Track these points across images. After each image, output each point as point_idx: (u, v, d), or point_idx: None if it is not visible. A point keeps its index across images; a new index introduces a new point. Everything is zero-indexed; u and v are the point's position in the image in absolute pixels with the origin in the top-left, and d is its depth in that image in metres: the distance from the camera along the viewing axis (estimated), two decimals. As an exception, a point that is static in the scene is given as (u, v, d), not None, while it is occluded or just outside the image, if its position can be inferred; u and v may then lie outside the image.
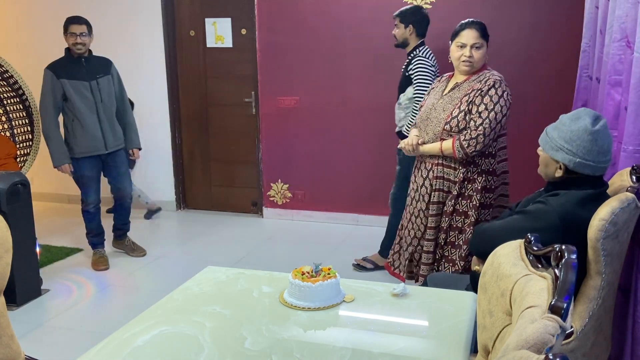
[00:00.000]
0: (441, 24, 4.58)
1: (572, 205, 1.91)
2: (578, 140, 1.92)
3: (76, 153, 4.01)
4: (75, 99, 3.93)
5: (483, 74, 2.82)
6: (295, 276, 1.81)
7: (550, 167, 2.02)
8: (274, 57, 5.02)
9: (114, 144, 4.11)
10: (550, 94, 4.37)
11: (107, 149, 4.07)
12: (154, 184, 5.59)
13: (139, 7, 5.29)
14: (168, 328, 1.67)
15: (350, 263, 4.14)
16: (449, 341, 1.59)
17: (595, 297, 1.88)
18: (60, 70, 3.92)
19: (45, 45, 5.56)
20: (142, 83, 5.37)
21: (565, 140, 1.94)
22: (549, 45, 4.38)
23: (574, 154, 1.92)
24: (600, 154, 1.92)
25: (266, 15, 4.95)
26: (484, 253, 2.08)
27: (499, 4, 4.45)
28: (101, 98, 4.01)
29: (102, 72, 4.04)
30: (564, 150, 1.94)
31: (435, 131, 2.80)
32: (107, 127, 4.05)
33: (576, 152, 1.92)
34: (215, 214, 5.52)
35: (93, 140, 4.00)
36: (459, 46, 2.82)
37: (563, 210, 1.90)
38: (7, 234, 1.80)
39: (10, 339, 1.79)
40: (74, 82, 3.93)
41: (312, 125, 5.00)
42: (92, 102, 3.99)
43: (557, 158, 1.96)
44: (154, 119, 5.45)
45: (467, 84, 2.80)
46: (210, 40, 5.27)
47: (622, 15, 2.25)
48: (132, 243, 4.47)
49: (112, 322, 3.12)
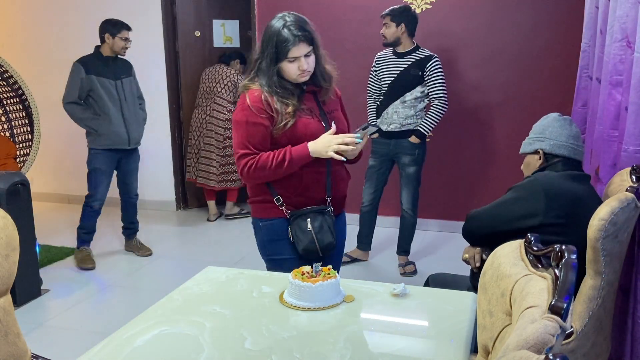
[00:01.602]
0: (441, 24, 4.58)
1: (555, 177, 2.07)
2: (549, 128, 2.15)
3: (99, 145, 4.13)
4: (103, 95, 4.07)
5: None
6: (295, 276, 1.81)
7: (531, 163, 2.20)
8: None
9: (136, 140, 4.29)
10: (550, 94, 4.37)
11: (130, 145, 4.24)
12: (154, 183, 5.59)
13: (139, 7, 5.29)
14: (168, 328, 1.67)
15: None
16: (449, 341, 1.59)
17: (595, 297, 1.88)
18: (90, 66, 4.07)
19: (46, 45, 5.57)
20: (142, 83, 5.34)
21: (538, 133, 2.19)
22: (549, 45, 4.38)
23: (547, 139, 2.14)
24: (571, 137, 2.13)
25: (266, 15, 4.95)
26: (476, 236, 2.23)
27: (499, 4, 4.45)
28: (125, 97, 4.19)
29: (125, 73, 4.23)
30: (539, 139, 2.17)
31: None
32: (129, 124, 4.20)
33: (549, 137, 2.14)
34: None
35: (117, 136, 4.14)
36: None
37: (546, 180, 2.06)
38: (14, 232, 1.80)
39: (17, 337, 1.79)
40: (101, 79, 4.09)
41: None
42: (117, 100, 4.15)
43: (535, 147, 2.17)
44: (154, 119, 5.44)
45: None
46: (218, 41, 5.59)
47: (622, 15, 2.25)
48: (139, 242, 4.51)
49: (112, 322, 3.12)
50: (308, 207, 2.20)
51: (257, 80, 2.16)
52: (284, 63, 2.11)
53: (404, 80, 3.83)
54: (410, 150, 3.87)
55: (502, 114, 4.59)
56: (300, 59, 2.10)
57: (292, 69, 2.12)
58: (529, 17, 4.39)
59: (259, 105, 2.12)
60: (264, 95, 2.12)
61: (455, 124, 4.66)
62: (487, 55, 4.53)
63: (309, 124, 2.17)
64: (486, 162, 4.71)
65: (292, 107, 2.12)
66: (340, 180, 2.31)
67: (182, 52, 5.43)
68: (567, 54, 4.24)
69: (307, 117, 2.17)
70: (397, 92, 3.85)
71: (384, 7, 4.02)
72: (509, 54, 4.49)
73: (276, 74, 2.13)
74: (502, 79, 4.54)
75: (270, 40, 2.11)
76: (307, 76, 2.16)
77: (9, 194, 3.39)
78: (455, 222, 4.79)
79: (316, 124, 2.19)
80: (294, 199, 2.21)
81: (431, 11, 4.57)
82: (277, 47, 2.09)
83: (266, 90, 2.12)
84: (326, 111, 2.24)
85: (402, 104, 3.83)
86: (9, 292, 1.82)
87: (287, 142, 2.14)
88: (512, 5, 4.41)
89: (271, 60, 2.12)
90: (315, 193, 2.22)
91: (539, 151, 2.15)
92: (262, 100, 2.12)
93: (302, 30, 2.10)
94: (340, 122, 2.27)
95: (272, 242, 2.27)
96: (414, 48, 3.85)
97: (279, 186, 2.18)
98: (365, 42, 4.66)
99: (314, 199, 2.23)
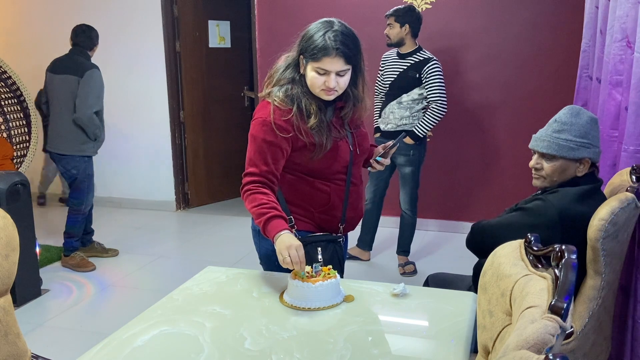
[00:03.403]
0: (441, 24, 4.58)
1: (570, 201, 1.92)
2: (592, 131, 1.97)
3: (93, 152, 4.11)
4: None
5: None
6: (295, 276, 1.81)
7: (569, 170, 1.99)
8: (275, 56, 5.01)
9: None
10: (550, 94, 4.37)
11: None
12: (154, 184, 5.59)
13: (139, 7, 5.29)
14: (168, 328, 1.67)
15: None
16: (449, 341, 1.59)
17: (595, 297, 1.88)
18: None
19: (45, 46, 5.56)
20: (142, 83, 5.37)
21: (582, 136, 1.96)
22: (549, 45, 4.38)
23: (594, 146, 1.97)
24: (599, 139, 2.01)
25: (266, 15, 4.95)
26: (480, 251, 2.09)
27: (499, 4, 4.45)
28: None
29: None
30: (584, 146, 1.96)
31: None
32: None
33: (594, 144, 1.97)
34: (216, 214, 5.52)
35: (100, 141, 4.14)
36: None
37: (561, 205, 1.91)
38: (14, 232, 1.80)
39: (17, 337, 1.79)
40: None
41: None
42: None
43: (582, 155, 1.96)
44: (154, 119, 5.45)
45: None
46: (213, 41, 5.60)
47: (622, 15, 2.25)
48: (101, 246, 4.41)
49: (112, 322, 3.12)
50: (321, 235, 2.06)
51: (283, 87, 1.97)
52: (311, 72, 1.90)
53: (402, 81, 3.83)
54: (405, 151, 3.86)
55: (502, 114, 4.59)
56: (330, 75, 1.88)
57: (317, 82, 1.90)
58: (529, 17, 4.39)
59: (282, 123, 1.92)
60: (293, 114, 1.93)
61: (456, 123, 4.66)
62: (487, 55, 4.53)
63: (339, 146, 2.00)
64: (486, 162, 4.71)
65: (323, 128, 1.94)
66: (361, 200, 2.19)
67: (182, 52, 5.43)
68: (567, 54, 4.24)
69: (336, 139, 2.00)
70: (395, 93, 3.85)
71: (385, 7, 4.03)
72: (509, 54, 4.48)
73: (303, 83, 1.95)
74: (502, 79, 4.54)
75: (303, 42, 1.92)
76: (334, 96, 1.94)
77: (9, 194, 3.39)
78: (456, 222, 4.79)
79: (344, 145, 2.03)
80: (317, 215, 2.06)
81: (431, 11, 4.57)
82: (308, 51, 1.89)
83: (295, 103, 1.93)
84: (352, 129, 2.08)
85: (399, 104, 3.83)
86: (9, 292, 1.82)
87: (313, 165, 1.99)
88: (512, 5, 4.41)
89: (298, 63, 1.95)
90: (339, 212, 2.08)
91: (587, 161, 1.96)
92: (288, 118, 1.93)
93: (344, 44, 1.87)
94: (365, 140, 2.14)
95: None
96: (416, 49, 3.84)
97: (301, 200, 1.99)
98: (366, 42, 4.65)
99: (338, 217, 2.09)
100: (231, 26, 5.67)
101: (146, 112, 5.40)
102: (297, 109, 1.93)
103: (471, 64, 4.58)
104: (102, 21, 5.01)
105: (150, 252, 4.46)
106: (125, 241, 4.65)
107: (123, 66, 5.36)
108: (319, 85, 1.91)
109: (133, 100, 5.38)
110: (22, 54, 5.55)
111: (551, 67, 4.40)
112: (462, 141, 4.72)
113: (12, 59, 4.93)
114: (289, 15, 4.87)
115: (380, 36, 3.97)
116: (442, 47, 4.57)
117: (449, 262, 4.19)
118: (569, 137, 1.96)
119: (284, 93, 1.96)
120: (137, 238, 4.58)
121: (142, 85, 5.36)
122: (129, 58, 5.32)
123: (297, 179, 2.05)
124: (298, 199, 2.06)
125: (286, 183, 2.04)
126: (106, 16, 5.28)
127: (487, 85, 4.57)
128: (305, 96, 1.95)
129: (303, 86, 1.96)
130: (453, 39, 4.57)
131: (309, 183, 2.04)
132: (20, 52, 5.57)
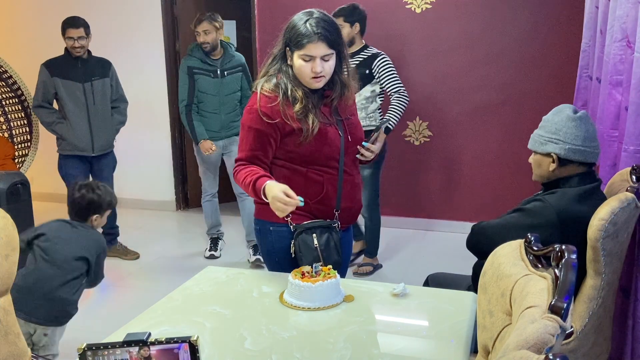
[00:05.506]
0: (441, 24, 4.58)
1: (569, 202, 1.93)
2: (564, 128, 1.98)
3: (65, 150, 4.05)
4: (66, 99, 3.97)
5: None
6: (295, 276, 1.81)
7: (543, 164, 2.05)
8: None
9: (102, 147, 4.13)
10: (550, 94, 4.37)
11: (94, 152, 4.10)
12: (154, 184, 5.59)
13: (139, 7, 5.30)
14: (168, 328, 1.67)
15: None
16: (449, 341, 1.59)
17: (595, 297, 1.88)
18: (55, 68, 3.95)
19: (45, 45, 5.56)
20: (142, 83, 5.37)
21: (551, 133, 2.01)
22: (549, 45, 4.38)
23: (563, 142, 1.98)
24: (587, 139, 1.97)
25: (266, 15, 4.95)
26: (480, 251, 2.09)
27: (498, 4, 4.44)
28: (94, 100, 4.03)
29: (98, 75, 4.07)
30: (553, 141, 2.00)
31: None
32: (96, 130, 4.07)
33: (565, 140, 1.98)
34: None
35: (80, 142, 4.03)
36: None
37: (560, 206, 1.92)
38: (14, 232, 1.80)
39: (17, 337, 1.79)
40: (66, 82, 3.96)
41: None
42: (84, 104, 4.01)
43: (548, 150, 2.01)
44: (154, 119, 5.45)
45: None
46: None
47: (622, 15, 2.25)
48: (123, 247, 4.42)
49: (112, 322, 3.11)
50: (316, 221, 2.08)
51: (272, 78, 2.04)
52: (298, 61, 1.97)
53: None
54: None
55: (502, 114, 4.59)
56: (315, 60, 1.94)
57: (305, 69, 1.97)
58: (529, 17, 4.39)
59: (268, 110, 1.99)
60: (279, 101, 2.00)
61: (456, 124, 4.66)
62: (487, 55, 4.53)
63: (327, 131, 2.05)
64: (486, 162, 4.71)
65: (310, 112, 2.00)
66: (358, 190, 2.21)
67: (182, 52, 5.43)
68: (567, 54, 4.23)
69: (324, 124, 2.05)
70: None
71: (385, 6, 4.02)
72: (509, 54, 4.48)
73: (290, 73, 2.01)
74: (502, 79, 4.54)
75: (287, 33, 2.00)
76: (322, 82, 2.01)
77: (9, 194, 3.39)
78: (456, 222, 4.79)
79: (334, 131, 2.07)
80: (313, 206, 2.08)
81: (431, 11, 4.57)
82: (292, 40, 1.97)
83: (282, 90, 2.00)
84: (342, 117, 2.12)
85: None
86: (9, 292, 1.82)
87: (303, 150, 2.03)
88: (512, 5, 4.41)
89: (285, 55, 2.02)
90: (334, 201, 2.11)
91: (553, 155, 2.00)
92: (274, 105, 2.00)
93: (325, 29, 1.94)
94: (357, 129, 2.18)
95: (282, 250, 2.11)
96: (363, 47, 3.74)
97: (298, 191, 1.98)
98: (366, 41, 4.66)
99: (333, 207, 2.11)
100: (237, 26, 5.64)
101: (146, 112, 5.39)
102: (284, 95, 2.01)
103: (471, 64, 4.57)
104: (102, 21, 5.02)
105: (150, 252, 4.46)
106: (125, 241, 4.64)
107: (123, 66, 5.35)
108: (308, 74, 1.98)
109: (133, 100, 5.36)
110: (22, 54, 5.54)
111: (551, 67, 4.40)
112: (462, 141, 4.72)
113: (13, 58, 4.93)
114: (289, 15, 4.86)
115: (378, 35, 3.97)
116: (442, 47, 4.58)
117: (449, 262, 4.18)
118: (541, 133, 2.05)
119: (272, 82, 2.04)
120: (137, 238, 4.58)
121: (142, 85, 5.35)
122: (129, 58, 5.32)
123: (291, 172, 2.08)
124: (295, 190, 2.07)
125: (281, 177, 2.07)
126: (106, 16, 5.28)
127: (487, 85, 4.57)
128: (291, 83, 2.02)
129: (290, 75, 2.03)
130: (453, 39, 4.57)
131: (302, 174, 2.08)
132: (20, 52, 5.57)
